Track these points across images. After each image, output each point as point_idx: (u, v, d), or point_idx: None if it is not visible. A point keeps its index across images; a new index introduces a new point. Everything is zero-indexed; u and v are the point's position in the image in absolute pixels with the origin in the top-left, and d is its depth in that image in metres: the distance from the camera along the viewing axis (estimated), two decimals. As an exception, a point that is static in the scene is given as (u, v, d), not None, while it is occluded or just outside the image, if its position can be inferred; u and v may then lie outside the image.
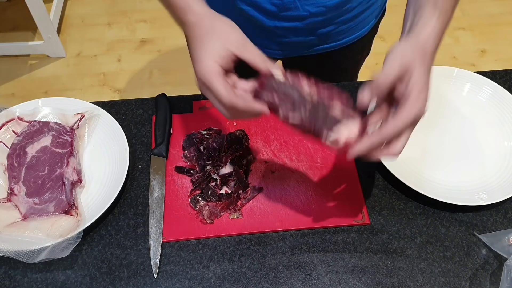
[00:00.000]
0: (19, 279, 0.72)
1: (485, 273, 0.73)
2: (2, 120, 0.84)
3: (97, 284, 0.72)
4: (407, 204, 0.80)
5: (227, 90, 0.60)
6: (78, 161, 0.82)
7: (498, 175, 0.81)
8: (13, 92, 2.11)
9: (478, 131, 0.88)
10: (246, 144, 0.84)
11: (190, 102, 0.92)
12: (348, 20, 0.91)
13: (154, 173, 0.81)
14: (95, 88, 2.13)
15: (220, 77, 0.60)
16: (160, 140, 0.84)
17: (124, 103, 0.92)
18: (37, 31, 2.25)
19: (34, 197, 0.76)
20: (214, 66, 0.61)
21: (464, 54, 2.26)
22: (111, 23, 2.38)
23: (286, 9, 0.84)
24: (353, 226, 0.77)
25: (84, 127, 0.85)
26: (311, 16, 0.85)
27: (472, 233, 0.77)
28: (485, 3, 2.46)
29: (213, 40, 0.62)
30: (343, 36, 0.94)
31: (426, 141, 0.86)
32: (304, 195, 0.80)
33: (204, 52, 0.61)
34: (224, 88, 0.59)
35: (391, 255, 0.75)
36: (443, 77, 0.94)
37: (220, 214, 0.77)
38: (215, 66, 0.61)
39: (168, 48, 2.27)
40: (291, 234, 0.76)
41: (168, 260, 0.74)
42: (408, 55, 0.60)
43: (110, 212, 0.78)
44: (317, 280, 0.72)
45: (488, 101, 0.91)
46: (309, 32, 0.90)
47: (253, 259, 0.74)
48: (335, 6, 0.85)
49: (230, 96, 0.59)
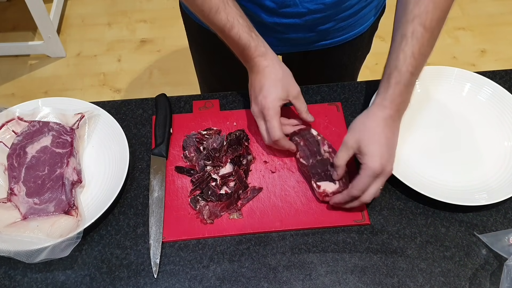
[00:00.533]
0: (19, 279, 0.72)
1: (485, 273, 0.73)
2: (2, 120, 0.84)
3: (97, 284, 0.72)
4: (407, 204, 0.80)
5: (280, 128, 0.79)
6: (78, 161, 0.82)
7: (498, 175, 0.81)
8: (13, 92, 2.11)
9: (478, 131, 0.88)
10: (246, 144, 0.84)
11: (190, 102, 0.92)
12: (348, 17, 0.91)
13: (154, 173, 0.81)
14: (95, 88, 2.13)
15: (278, 116, 0.79)
16: (160, 140, 0.84)
17: (124, 103, 0.92)
18: (37, 31, 2.25)
19: (34, 197, 0.76)
20: (277, 106, 0.79)
21: (464, 54, 2.26)
22: (111, 23, 2.38)
23: (285, 6, 0.84)
24: (353, 226, 0.77)
25: (84, 127, 0.85)
26: (310, 13, 0.86)
27: (472, 233, 0.77)
28: (485, 3, 2.46)
29: (281, 86, 0.80)
30: (343, 33, 0.94)
31: (426, 141, 0.86)
32: (304, 195, 0.80)
33: (274, 91, 0.79)
34: (279, 127, 0.79)
35: (391, 255, 0.75)
36: (443, 77, 0.94)
37: (220, 214, 0.77)
38: (277, 106, 0.79)
39: (168, 48, 2.27)
40: (291, 234, 0.76)
41: (168, 260, 0.74)
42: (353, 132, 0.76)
43: (110, 212, 0.78)
44: (317, 280, 0.72)
45: (488, 101, 0.91)
46: (308, 29, 0.90)
47: (253, 259, 0.74)
48: (334, 3, 0.85)
49: (281, 134, 0.79)
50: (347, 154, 0.76)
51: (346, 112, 0.91)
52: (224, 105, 0.92)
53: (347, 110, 0.91)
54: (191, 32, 1.08)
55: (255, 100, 0.81)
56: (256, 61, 0.80)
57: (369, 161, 0.73)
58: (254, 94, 0.82)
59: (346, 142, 0.76)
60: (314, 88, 0.94)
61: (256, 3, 0.85)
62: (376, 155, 0.73)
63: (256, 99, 0.81)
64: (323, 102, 0.92)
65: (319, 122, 0.89)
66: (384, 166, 0.73)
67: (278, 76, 0.80)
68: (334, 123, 0.89)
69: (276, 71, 0.80)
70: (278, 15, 0.86)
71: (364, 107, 0.91)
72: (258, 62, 0.80)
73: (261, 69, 0.80)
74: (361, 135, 0.75)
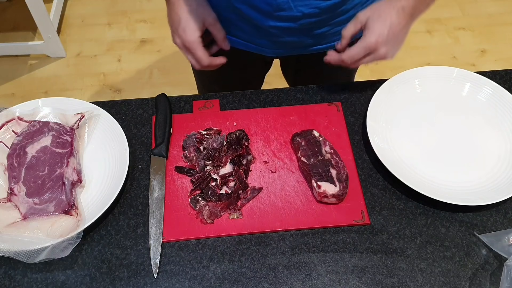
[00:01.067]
0: (19, 279, 0.72)
1: (485, 273, 0.73)
2: (2, 120, 0.84)
3: (97, 284, 0.72)
4: (407, 204, 0.80)
5: (206, 55, 0.87)
6: (78, 161, 0.82)
7: (498, 175, 0.81)
8: (13, 92, 2.11)
9: (478, 131, 0.88)
10: (246, 144, 0.84)
11: (190, 102, 0.92)
12: (343, 21, 0.91)
13: (154, 173, 0.82)
14: (95, 88, 2.13)
15: (200, 45, 0.86)
16: (160, 140, 0.84)
17: (124, 103, 0.92)
18: (37, 31, 2.25)
19: (34, 197, 0.76)
20: (197, 37, 0.85)
21: (464, 54, 2.26)
22: (111, 23, 2.38)
23: (280, 9, 0.84)
24: (353, 226, 0.77)
25: (84, 127, 0.85)
26: (305, 17, 0.85)
27: (472, 233, 0.77)
28: (485, 3, 2.46)
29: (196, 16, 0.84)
30: (339, 37, 0.94)
31: (426, 141, 0.86)
32: (304, 195, 0.80)
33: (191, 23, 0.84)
34: (204, 54, 0.87)
35: (391, 255, 0.75)
36: (443, 77, 0.94)
37: (220, 214, 0.77)
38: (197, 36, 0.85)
39: (168, 48, 2.27)
40: (291, 234, 0.76)
41: (168, 260, 0.74)
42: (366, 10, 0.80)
43: (110, 212, 0.78)
44: (317, 280, 0.72)
45: (488, 101, 0.91)
46: (303, 33, 0.90)
47: (253, 259, 0.74)
48: (329, 7, 0.85)
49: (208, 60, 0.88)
50: (355, 27, 0.81)
51: (346, 112, 0.91)
52: (224, 105, 0.92)
53: (347, 110, 0.91)
54: None
55: (176, 32, 0.87)
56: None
57: (368, 34, 0.79)
58: (173, 26, 0.87)
59: (358, 16, 0.81)
60: (314, 88, 0.95)
61: (251, 6, 0.85)
62: (376, 32, 0.78)
63: (176, 31, 0.87)
64: (323, 102, 0.92)
65: (319, 122, 0.89)
66: (379, 45, 0.78)
67: (192, 6, 0.84)
68: (334, 123, 0.89)
69: (190, 2, 0.84)
70: (273, 19, 0.86)
71: (364, 107, 0.91)
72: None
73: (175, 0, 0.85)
74: (372, 13, 0.79)
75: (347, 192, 0.78)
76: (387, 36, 0.78)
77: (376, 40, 0.78)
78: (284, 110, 0.91)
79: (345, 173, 0.79)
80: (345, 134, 0.88)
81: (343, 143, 0.86)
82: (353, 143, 0.87)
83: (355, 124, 0.90)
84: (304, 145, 0.83)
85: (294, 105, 0.92)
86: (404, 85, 0.92)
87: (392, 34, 0.79)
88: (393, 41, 0.80)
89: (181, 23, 0.85)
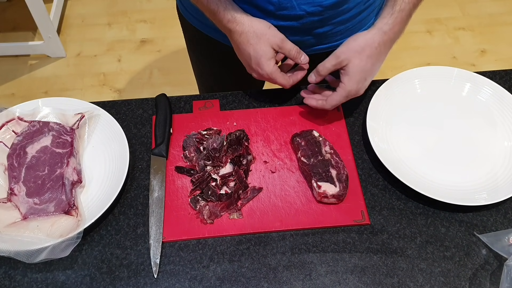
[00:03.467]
0: (19, 279, 0.72)
1: (485, 273, 0.73)
2: (2, 120, 0.84)
3: (97, 284, 0.72)
4: (407, 204, 0.80)
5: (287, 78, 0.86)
6: (78, 161, 0.82)
7: (498, 175, 0.81)
8: (13, 92, 2.11)
9: (478, 131, 0.88)
10: (246, 144, 0.84)
11: (190, 102, 0.92)
12: (346, 20, 0.91)
13: (154, 173, 0.82)
14: (95, 88, 2.13)
15: (278, 71, 0.85)
16: (160, 140, 0.84)
17: (124, 103, 0.92)
18: (37, 31, 2.25)
19: (34, 197, 0.76)
20: (272, 65, 0.84)
21: (464, 54, 2.26)
22: (111, 23, 2.38)
23: (282, 8, 0.84)
24: (353, 226, 0.77)
25: (84, 127, 0.85)
26: (308, 15, 0.85)
27: (472, 233, 0.77)
28: (485, 3, 2.46)
29: (264, 45, 0.82)
30: (341, 37, 0.94)
31: (426, 141, 0.86)
32: (304, 195, 0.80)
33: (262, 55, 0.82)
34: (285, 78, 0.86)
35: (391, 255, 0.75)
36: (443, 77, 0.94)
37: (220, 214, 0.77)
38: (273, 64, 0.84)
39: (168, 48, 2.27)
40: (291, 234, 0.76)
41: (168, 260, 0.74)
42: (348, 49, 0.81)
43: (110, 212, 0.78)
44: (317, 280, 0.72)
45: (488, 101, 0.91)
46: (306, 32, 0.90)
47: (253, 259, 0.74)
48: (331, 5, 0.85)
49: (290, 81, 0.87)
50: (334, 67, 0.83)
51: (346, 112, 0.91)
52: (224, 105, 0.92)
53: (347, 110, 0.91)
54: (188, 35, 1.08)
55: (250, 68, 0.86)
56: (229, 27, 0.82)
57: (348, 83, 0.81)
58: (245, 62, 0.86)
59: (338, 56, 0.81)
60: (314, 88, 0.94)
61: (253, 5, 0.85)
62: (356, 80, 0.80)
63: (250, 67, 0.86)
64: (323, 102, 0.92)
65: (319, 122, 0.89)
66: (359, 89, 0.82)
67: (255, 39, 0.82)
68: (334, 123, 0.89)
69: (252, 35, 0.82)
70: (276, 18, 0.86)
71: (364, 107, 0.91)
72: (233, 29, 0.82)
73: (238, 36, 0.82)
74: (353, 56, 0.80)
75: (347, 192, 0.78)
76: (367, 79, 0.82)
77: (357, 88, 0.81)
78: (284, 110, 0.91)
79: (345, 173, 0.79)
80: (345, 134, 0.88)
81: (343, 143, 0.86)
82: (353, 143, 0.87)
83: (355, 124, 0.90)
84: (304, 145, 0.83)
85: (294, 105, 0.92)
86: (404, 85, 0.92)
87: (371, 75, 0.82)
88: (371, 78, 0.83)
89: (252, 58, 0.83)
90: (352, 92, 0.82)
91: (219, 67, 1.09)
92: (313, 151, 0.82)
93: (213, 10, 0.82)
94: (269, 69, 0.83)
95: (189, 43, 1.11)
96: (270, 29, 0.83)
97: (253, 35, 0.82)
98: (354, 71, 0.80)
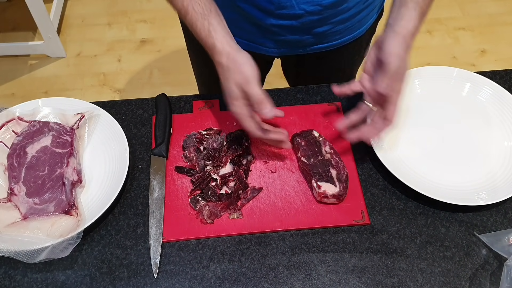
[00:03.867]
0: (19, 279, 0.72)
1: (485, 273, 0.73)
2: (2, 120, 0.84)
3: (97, 284, 0.72)
4: (407, 204, 0.80)
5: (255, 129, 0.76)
6: (78, 161, 0.82)
7: (498, 175, 0.81)
8: (13, 92, 2.11)
9: (478, 131, 0.88)
10: (246, 144, 0.84)
11: (190, 102, 0.92)
12: (345, 20, 0.91)
13: (154, 173, 0.82)
14: (95, 88, 2.13)
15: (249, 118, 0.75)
16: (160, 140, 0.84)
17: (124, 103, 0.92)
18: (37, 31, 2.25)
19: (34, 197, 0.76)
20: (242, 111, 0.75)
21: (464, 54, 2.26)
22: (111, 23, 2.38)
23: (282, 7, 0.84)
24: (353, 226, 0.77)
25: (84, 127, 0.85)
26: (307, 14, 0.85)
27: (472, 233, 0.77)
28: (485, 3, 2.46)
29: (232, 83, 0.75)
30: (340, 36, 0.94)
31: (426, 141, 0.86)
32: (304, 195, 0.80)
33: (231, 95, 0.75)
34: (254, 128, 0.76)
35: (391, 255, 0.75)
36: (443, 77, 0.94)
37: (220, 214, 0.77)
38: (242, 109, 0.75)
39: (168, 48, 2.27)
40: (291, 234, 0.76)
41: (168, 260, 0.74)
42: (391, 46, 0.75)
43: (110, 212, 0.78)
44: (317, 280, 0.72)
45: (488, 101, 0.91)
46: (305, 31, 0.90)
47: (253, 259, 0.74)
48: (330, 5, 0.85)
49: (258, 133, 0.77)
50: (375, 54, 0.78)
51: (346, 112, 0.91)
52: (224, 105, 0.92)
53: (347, 110, 0.91)
54: (188, 35, 1.08)
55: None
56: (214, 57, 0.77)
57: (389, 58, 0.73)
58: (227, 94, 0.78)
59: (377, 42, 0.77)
60: (314, 88, 0.95)
61: (253, 4, 0.85)
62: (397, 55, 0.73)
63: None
64: (323, 102, 0.92)
65: (319, 122, 0.89)
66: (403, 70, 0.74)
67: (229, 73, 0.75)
68: (334, 123, 0.89)
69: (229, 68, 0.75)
70: (275, 17, 0.86)
71: (364, 107, 0.91)
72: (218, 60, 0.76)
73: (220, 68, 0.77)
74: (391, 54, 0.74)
75: (347, 193, 0.78)
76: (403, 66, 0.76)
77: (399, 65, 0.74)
78: (284, 110, 0.90)
79: (345, 173, 0.79)
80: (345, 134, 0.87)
81: (343, 143, 0.86)
82: (353, 143, 0.87)
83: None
84: (304, 145, 0.83)
85: (294, 105, 0.92)
86: (404, 85, 0.92)
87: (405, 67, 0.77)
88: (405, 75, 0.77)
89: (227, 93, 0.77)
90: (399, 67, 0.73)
91: None
92: (313, 151, 0.82)
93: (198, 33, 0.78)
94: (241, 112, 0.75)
95: (189, 43, 1.11)
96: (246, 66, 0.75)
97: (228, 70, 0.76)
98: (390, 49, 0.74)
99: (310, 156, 0.81)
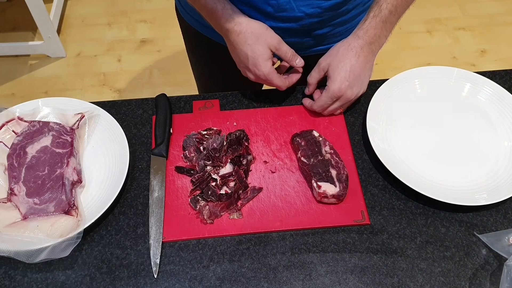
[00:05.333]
0: (19, 279, 0.72)
1: (485, 273, 0.73)
2: (2, 120, 0.84)
3: (97, 284, 0.72)
4: (407, 204, 0.80)
5: (283, 81, 0.87)
6: (78, 161, 0.82)
7: (498, 175, 0.81)
8: (13, 92, 2.11)
9: (478, 131, 0.88)
10: (246, 144, 0.84)
11: (190, 102, 0.92)
12: (345, 22, 0.91)
13: (154, 173, 0.82)
14: (95, 88, 2.13)
15: (275, 72, 0.85)
16: (160, 140, 0.84)
17: (124, 103, 0.92)
18: (37, 31, 2.25)
19: (34, 197, 0.76)
20: (270, 66, 0.84)
21: (464, 54, 2.26)
22: (111, 23, 2.38)
23: (281, 10, 0.84)
24: (353, 226, 0.77)
25: (84, 127, 0.85)
26: (307, 17, 0.85)
27: (472, 233, 0.77)
28: (485, 3, 2.46)
29: (261, 46, 0.83)
30: (340, 38, 0.94)
31: (426, 141, 0.86)
32: (304, 195, 0.80)
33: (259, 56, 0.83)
34: (281, 81, 0.87)
35: (391, 255, 0.75)
36: (443, 77, 0.94)
37: (220, 214, 0.77)
38: (270, 65, 0.85)
39: (168, 48, 2.27)
40: (291, 234, 0.76)
41: (168, 260, 0.74)
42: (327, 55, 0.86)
43: (110, 212, 0.78)
44: (317, 280, 0.72)
45: (488, 101, 0.91)
46: (305, 33, 0.90)
47: (253, 259, 0.74)
48: (330, 7, 0.85)
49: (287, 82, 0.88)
50: (319, 74, 0.87)
51: (346, 112, 0.91)
52: (224, 105, 0.92)
53: (347, 110, 0.91)
54: (187, 37, 1.08)
55: (247, 69, 0.86)
56: (227, 27, 0.83)
57: (330, 84, 0.84)
58: (241, 63, 0.86)
59: (319, 63, 0.87)
60: (314, 88, 0.94)
61: (253, 7, 0.85)
62: (338, 80, 0.83)
63: (246, 68, 0.86)
64: (323, 102, 0.92)
65: (319, 122, 0.89)
66: (343, 91, 0.83)
67: (253, 39, 0.82)
68: (334, 123, 0.89)
69: (250, 35, 0.82)
70: (275, 19, 0.86)
71: (364, 107, 0.91)
72: (231, 29, 0.82)
73: (235, 36, 0.83)
74: (332, 60, 0.84)
75: (347, 192, 0.78)
76: (349, 80, 0.83)
77: (339, 88, 0.83)
78: (284, 110, 0.91)
79: (345, 173, 0.79)
80: (345, 134, 0.88)
81: (343, 143, 0.86)
82: (353, 143, 0.87)
83: (355, 124, 0.90)
84: (304, 145, 0.83)
85: (294, 105, 0.92)
86: (404, 85, 0.92)
87: (354, 76, 0.83)
88: (356, 81, 0.84)
89: (250, 59, 0.83)
90: (336, 92, 0.83)
91: (218, 69, 1.09)
92: (313, 151, 0.82)
93: (211, 9, 0.82)
94: (266, 70, 0.84)
95: (188, 45, 1.11)
96: (268, 30, 0.84)
97: (251, 35, 0.82)
98: (334, 72, 0.83)
99: (310, 156, 0.81)
